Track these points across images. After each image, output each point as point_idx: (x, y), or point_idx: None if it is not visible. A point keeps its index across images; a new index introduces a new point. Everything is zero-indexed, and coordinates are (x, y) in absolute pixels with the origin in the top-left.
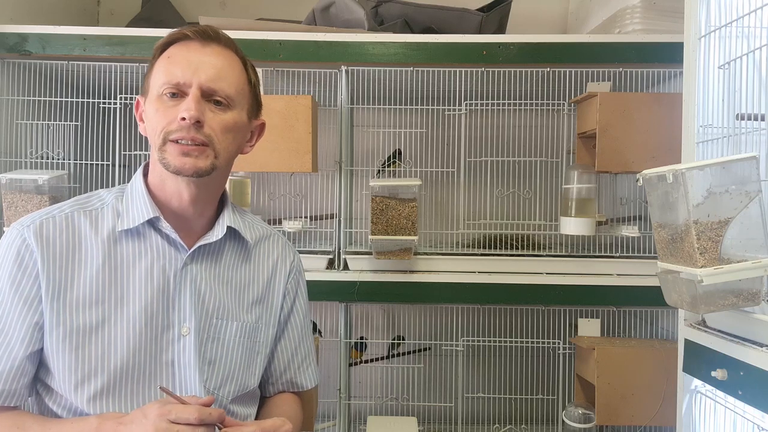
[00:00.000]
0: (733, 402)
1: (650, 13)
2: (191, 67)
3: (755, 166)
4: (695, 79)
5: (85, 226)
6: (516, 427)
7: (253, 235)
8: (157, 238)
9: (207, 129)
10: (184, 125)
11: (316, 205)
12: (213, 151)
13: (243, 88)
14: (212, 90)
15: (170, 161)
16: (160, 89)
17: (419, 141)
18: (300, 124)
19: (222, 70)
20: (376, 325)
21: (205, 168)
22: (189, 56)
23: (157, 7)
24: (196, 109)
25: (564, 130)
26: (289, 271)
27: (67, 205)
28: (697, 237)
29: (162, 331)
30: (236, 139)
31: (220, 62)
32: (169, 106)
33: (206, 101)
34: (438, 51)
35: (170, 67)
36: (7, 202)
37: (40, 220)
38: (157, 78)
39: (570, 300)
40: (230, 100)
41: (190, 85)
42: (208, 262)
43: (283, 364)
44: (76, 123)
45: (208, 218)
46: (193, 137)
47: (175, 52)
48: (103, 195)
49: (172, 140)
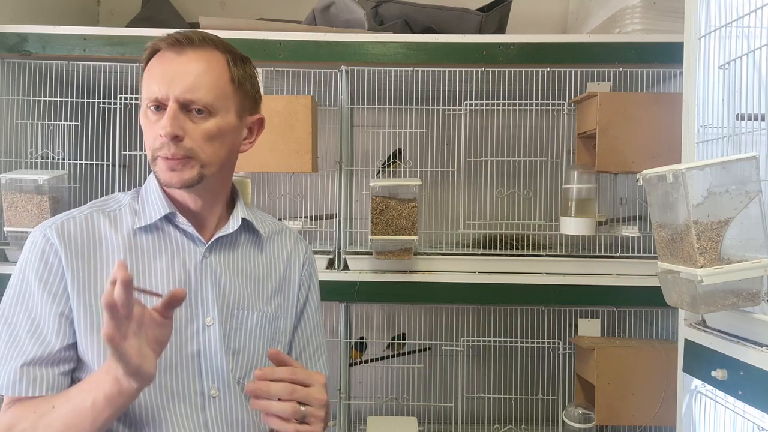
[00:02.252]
0: (733, 402)
1: (650, 13)
2: (166, 79)
3: (755, 166)
4: (695, 79)
5: (104, 225)
6: (516, 427)
7: (266, 229)
8: (176, 232)
9: (188, 141)
10: (164, 142)
11: (316, 205)
12: (198, 162)
13: (224, 89)
14: (189, 101)
15: (161, 176)
16: (145, 104)
17: (419, 141)
18: (300, 124)
19: (198, 78)
20: (376, 325)
21: (191, 179)
22: (163, 68)
23: (157, 7)
24: (170, 125)
25: (564, 130)
26: (303, 263)
27: (86, 208)
28: (697, 237)
29: (186, 323)
30: (225, 143)
31: (195, 69)
32: (153, 122)
33: (186, 112)
34: (438, 51)
35: (149, 82)
36: (7, 202)
37: (62, 220)
38: (142, 93)
39: (570, 300)
40: (210, 107)
41: (167, 98)
42: (226, 254)
43: (296, 355)
44: (76, 123)
45: (220, 214)
46: (173, 153)
47: (153, 66)
48: (120, 197)
49: (160, 157)
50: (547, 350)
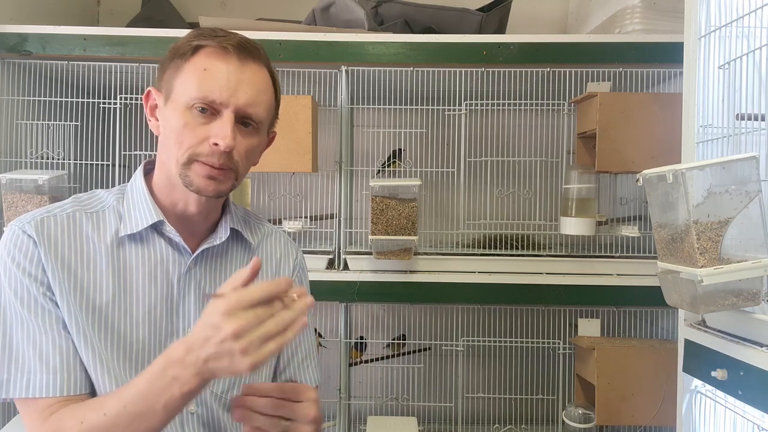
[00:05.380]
0: (733, 402)
1: (650, 13)
2: (230, 87)
3: (755, 166)
4: (695, 79)
5: (87, 228)
6: (516, 427)
7: (256, 235)
8: (161, 242)
9: (235, 155)
10: (216, 151)
11: (316, 205)
12: (235, 174)
13: (272, 109)
14: (248, 115)
15: (193, 181)
16: (191, 102)
17: (419, 141)
18: (300, 124)
19: (259, 94)
20: (376, 325)
21: (225, 190)
22: (228, 74)
23: (157, 7)
24: (232, 138)
25: (564, 130)
26: (293, 269)
27: (68, 204)
28: (697, 237)
29: (166, 337)
30: (255, 158)
31: (258, 85)
32: (200, 123)
33: (236, 124)
34: (438, 51)
35: (206, 81)
36: (7, 202)
37: (41, 217)
38: (187, 86)
39: (570, 300)
40: (260, 124)
41: (227, 106)
42: (213, 265)
43: (284, 362)
44: (76, 123)
45: (212, 222)
46: (221, 164)
47: (212, 65)
48: (103, 196)
49: (200, 161)
50: (547, 350)
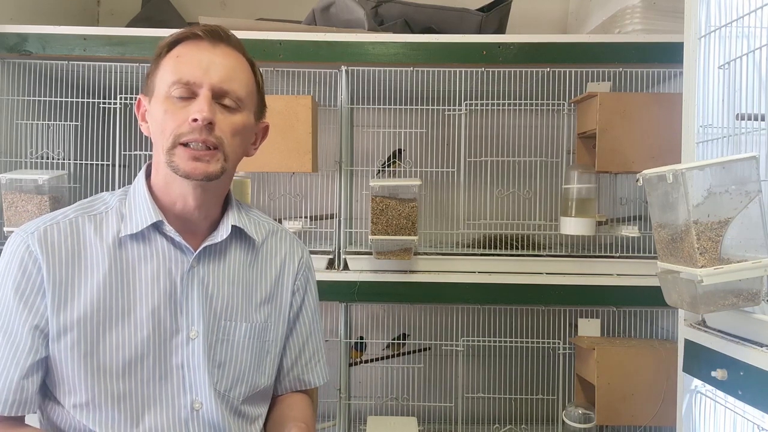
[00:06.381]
0: (733, 402)
1: (650, 13)
2: (202, 66)
3: (755, 166)
4: (695, 79)
5: (89, 232)
6: (516, 427)
7: (260, 232)
8: (162, 241)
9: (218, 131)
10: (196, 127)
11: (316, 205)
12: (223, 154)
13: (251, 89)
14: (224, 91)
15: (179, 165)
16: (169, 89)
17: (419, 141)
18: (300, 124)
19: (233, 71)
20: (376, 325)
21: (215, 172)
22: (199, 55)
23: (157, 7)
24: (208, 110)
25: (564, 130)
26: (298, 268)
27: (72, 210)
28: (697, 237)
29: (170, 335)
30: (243, 141)
31: (231, 63)
32: (179, 108)
33: (215, 103)
34: (438, 51)
35: (180, 66)
36: (7, 202)
37: (45, 226)
38: (164, 77)
39: (570, 300)
40: (240, 101)
41: (201, 85)
42: (215, 263)
43: (291, 361)
44: (76, 123)
45: (213, 220)
46: (205, 139)
47: (185, 51)
48: (107, 198)
49: (183, 143)
50: (547, 350)
